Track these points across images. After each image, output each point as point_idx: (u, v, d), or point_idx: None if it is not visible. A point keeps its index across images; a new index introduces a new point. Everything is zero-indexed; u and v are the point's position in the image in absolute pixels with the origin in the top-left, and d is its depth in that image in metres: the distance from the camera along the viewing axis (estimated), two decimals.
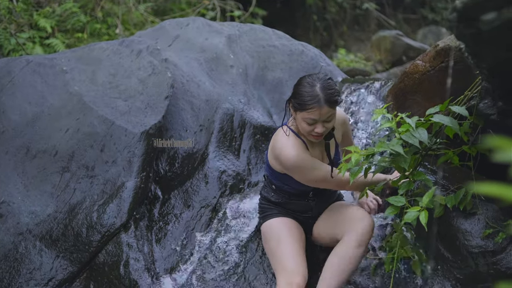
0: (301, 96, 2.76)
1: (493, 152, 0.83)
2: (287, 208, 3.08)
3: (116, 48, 3.93)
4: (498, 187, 0.84)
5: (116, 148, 3.44)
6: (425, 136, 2.59)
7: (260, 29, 4.60)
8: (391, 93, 3.86)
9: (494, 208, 2.77)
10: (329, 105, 2.75)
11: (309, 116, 2.75)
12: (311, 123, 2.77)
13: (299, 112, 2.78)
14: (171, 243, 3.33)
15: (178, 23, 4.48)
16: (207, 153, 3.70)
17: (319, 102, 2.73)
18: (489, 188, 0.84)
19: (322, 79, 2.78)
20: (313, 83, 2.76)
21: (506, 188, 0.83)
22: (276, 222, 3.03)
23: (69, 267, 3.24)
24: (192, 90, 3.87)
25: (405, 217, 2.56)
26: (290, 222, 3.04)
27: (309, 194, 3.05)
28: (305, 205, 3.08)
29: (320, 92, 2.73)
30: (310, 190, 3.03)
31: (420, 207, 2.51)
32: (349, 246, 2.82)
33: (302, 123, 2.79)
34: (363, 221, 2.85)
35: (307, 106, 2.73)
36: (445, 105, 2.68)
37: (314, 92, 2.73)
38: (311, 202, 3.07)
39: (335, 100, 2.76)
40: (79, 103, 3.62)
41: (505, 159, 0.81)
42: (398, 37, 9.44)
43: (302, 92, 2.76)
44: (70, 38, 6.71)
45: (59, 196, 3.39)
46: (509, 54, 1.87)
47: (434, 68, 3.53)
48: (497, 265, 2.67)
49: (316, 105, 2.73)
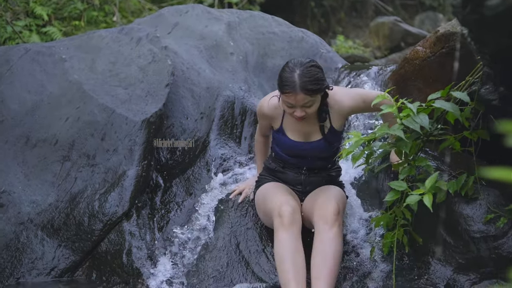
0: (280, 79, 2.85)
1: (504, 137, 0.83)
2: (281, 179, 3.16)
3: (115, 36, 3.91)
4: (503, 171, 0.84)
5: (117, 137, 3.44)
6: (426, 122, 2.60)
7: (259, 16, 4.59)
8: (392, 79, 3.86)
9: (495, 193, 2.78)
10: (304, 93, 2.79)
11: (287, 100, 2.84)
12: (290, 106, 2.86)
13: (280, 93, 2.89)
14: (173, 231, 3.33)
15: (177, 11, 4.46)
16: (208, 141, 3.69)
17: (294, 89, 2.78)
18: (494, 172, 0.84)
19: (304, 66, 2.82)
20: (293, 69, 2.81)
21: None
22: (265, 185, 3.14)
23: (71, 256, 3.25)
24: (192, 78, 3.86)
25: (407, 199, 2.56)
26: (280, 185, 3.13)
27: (303, 168, 3.12)
28: (297, 178, 3.14)
29: (297, 79, 2.78)
30: (304, 164, 3.10)
31: (423, 190, 2.51)
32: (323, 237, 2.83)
33: (283, 104, 2.90)
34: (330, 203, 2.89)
35: (283, 90, 2.82)
36: (446, 90, 2.68)
37: (291, 78, 2.79)
38: (302, 176, 3.13)
39: (311, 88, 2.79)
40: (79, 92, 3.61)
41: None
42: (396, 23, 9.42)
43: (281, 75, 2.85)
44: (67, 26, 6.68)
45: (60, 185, 3.39)
46: (511, 40, 1.87)
47: (434, 54, 3.53)
48: (498, 249, 2.69)
49: (292, 91, 2.79)
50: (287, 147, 3.09)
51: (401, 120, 2.63)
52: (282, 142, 3.09)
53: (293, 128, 3.05)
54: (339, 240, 2.85)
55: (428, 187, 2.50)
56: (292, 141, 3.06)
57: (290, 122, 3.05)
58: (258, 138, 3.35)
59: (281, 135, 3.09)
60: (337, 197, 2.98)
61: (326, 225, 2.84)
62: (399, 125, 2.63)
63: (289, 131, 3.06)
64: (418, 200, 2.50)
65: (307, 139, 3.06)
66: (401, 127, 2.61)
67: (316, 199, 3.00)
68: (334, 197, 2.96)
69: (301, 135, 3.05)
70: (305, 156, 3.09)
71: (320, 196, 3.00)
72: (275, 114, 3.07)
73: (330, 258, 2.79)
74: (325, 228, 2.84)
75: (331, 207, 2.88)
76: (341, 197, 3.04)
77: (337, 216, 2.87)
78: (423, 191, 2.51)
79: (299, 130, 3.04)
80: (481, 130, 2.77)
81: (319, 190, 3.09)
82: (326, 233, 2.84)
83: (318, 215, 2.90)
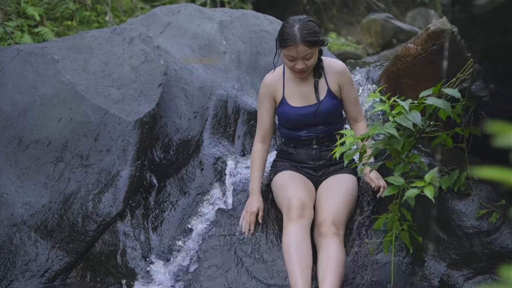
0: (282, 34, 3.09)
1: (494, 137, 0.84)
2: (295, 160, 3.29)
3: (108, 36, 3.90)
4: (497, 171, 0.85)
5: (110, 137, 3.43)
6: (419, 119, 2.61)
7: (251, 14, 4.59)
8: (384, 76, 3.88)
9: (487, 189, 2.80)
10: (305, 44, 3.04)
11: (289, 53, 3.07)
12: (292, 60, 3.09)
13: (281, 49, 3.11)
14: (167, 231, 3.34)
15: (169, 10, 4.46)
16: (202, 140, 3.70)
17: (295, 41, 3.03)
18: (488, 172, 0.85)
19: (303, 21, 3.09)
20: (293, 24, 3.07)
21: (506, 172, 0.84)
22: (282, 173, 3.25)
23: (65, 258, 3.24)
24: (185, 77, 3.87)
25: (406, 193, 2.57)
26: (294, 173, 3.24)
27: (312, 142, 3.26)
28: (309, 153, 3.27)
29: (297, 32, 3.04)
30: (313, 135, 3.25)
31: (422, 183, 2.52)
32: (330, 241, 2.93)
33: (285, 59, 3.12)
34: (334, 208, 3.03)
35: (286, 44, 3.05)
36: (438, 87, 2.70)
37: (292, 31, 3.05)
38: (313, 151, 3.26)
39: (310, 40, 3.05)
40: (72, 92, 3.60)
41: (506, 144, 0.82)
42: (388, 20, 9.44)
43: (282, 31, 3.10)
44: (59, 26, 6.66)
45: (54, 186, 3.38)
46: (501, 38, 1.88)
47: (426, 51, 3.55)
48: (491, 245, 2.71)
49: (293, 43, 3.03)
50: (293, 117, 3.24)
51: (393, 117, 2.65)
52: (287, 113, 3.24)
53: (294, 94, 3.25)
54: (337, 247, 2.92)
55: (429, 180, 2.51)
56: (296, 108, 3.23)
57: (290, 89, 3.25)
58: (257, 146, 3.35)
59: (285, 105, 3.25)
60: (341, 203, 3.07)
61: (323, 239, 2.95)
62: (392, 122, 2.64)
63: (291, 98, 3.25)
64: (417, 193, 2.51)
65: (309, 102, 3.24)
66: (394, 125, 2.62)
67: (323, 198, 3.12)
68: (339, 203, 3.06)
69: (302, 99, 3.24)
70: (311, 124, 3.23)
71: (325, 198, 3.12)
72: (277, 83, 3.28)
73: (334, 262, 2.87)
74: (322, 241, 2.96)
75: (330, 218, 2.99)
76: (344, 202, 3.10)
77: (331, 227, 2.97)
78: (422, 184, 2.52)
79: (299, 94, 3.24)
80: (473, 126, 2.79)
81: (328, 186, 3.18)
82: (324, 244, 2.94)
83: (317, 224, 3.02)
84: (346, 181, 3.19)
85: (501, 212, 2.72)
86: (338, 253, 2.89)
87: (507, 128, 0.83)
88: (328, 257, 2.87)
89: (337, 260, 2.86)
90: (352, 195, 3.16)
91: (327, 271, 2.83)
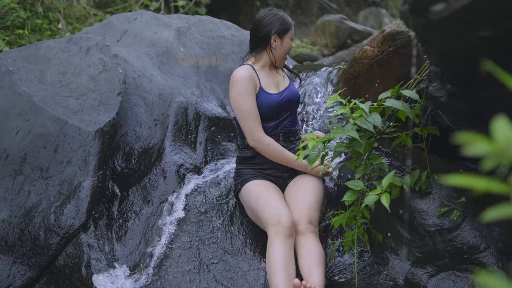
0: (282, 20, 3.33)
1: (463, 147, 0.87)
2: (261, 165, 3.31)
3: (64, 46, 3.84)
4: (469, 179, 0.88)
5: (71, 148, 3.38)
6: (379, 121, 2.66)
7: (208, 20, 4.59)
8: (342, 78, 3.93)
9: (447, 187, 2.87)
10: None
11: (291, 32, 3.37)
12: (290, 41, 3.38)
13: (286, 34, 3.35)
14: (132, 240, 3.31)
15: (125, 18, 4.42)
16: (163, 148, 3.68)
17: (291, 22, 3.38)
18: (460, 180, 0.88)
19: (277, 9, 3.40)
20: (278, 11, 3.36)
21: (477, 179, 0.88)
22: (252, 184, 3.25)
23: (28, 273, 3.18)
24: (144, 85, 3.84)
25: (365, 200, 2.62)
26: (265, 182, 3.26)
27: (279, 136, 3.33)
28: None
29: (287, 16, 3.39)
30: (280, 127, 3.33)
31: (380, 190, 2.58)
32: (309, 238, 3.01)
33: (288, 43, 3.37)
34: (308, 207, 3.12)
35: (289, 26, 3.35)
36: (396, 89, 2.75)
37: (285, 16, 3.36)
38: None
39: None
40: (29, 104, 3.53)
41: (475, 154, 0.85)
42: (342, 21, 9.56)
43: (280, 18, 3.33)
44: (10, 35, 6.50)
45: (13, 200, 3.31)
46: (457, 42, 1.94)
47: (382, 53, 3.61)
48: (453, 241, 2.78)
49: (291, 24, 3.37)
50: (270, 104, 3.30)
51: (354, 120, 2.69)
52: (266, 101, 3.30)
53: (268, 82, 3.36)
54: (316, 243, 3.01)
55: (385, 187, 2.56)
56: (273, 95, 3.32)
57: (264, 79, 3.36)
58: (266, 138, 3.27)
59: (263, 93, 3.32)
60: (314, 202, 3.16)
61: (302, 237, 3.01)
62: (352, 125, 2.68)
63: (266, 87, 3.35)
64: (376, 200, 2.56)
65: (280, 88, 3.39)
66: (355, 128, 2.67)
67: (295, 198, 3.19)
68: (312, 202, 3.15)
69: (275, 86, 3.37)
70: (282, 111, 3.33)
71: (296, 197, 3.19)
72: (254, 75, 3.33)
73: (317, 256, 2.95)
74: (301, 239, 3.01)
75: (306, 217, 3.07)
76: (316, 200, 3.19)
77: (309, 226, 3.04)
78: (380, 191, 2.57)
79: (272, 81, 3.38)
80: (431, 126, 2.86)
81: (299, 186, 3.25)
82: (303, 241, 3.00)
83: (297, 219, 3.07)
84: (314, 180, 3.28)
85: (462, 210, 2.79)
86: (319, 249, 2.97)
87: (475, 138, 0.86)
88: (311, 253, 2.93)
89: (320, 255, 2.94)
90: (321, 194, 3.25)
91: (313, 266, 2.89)
